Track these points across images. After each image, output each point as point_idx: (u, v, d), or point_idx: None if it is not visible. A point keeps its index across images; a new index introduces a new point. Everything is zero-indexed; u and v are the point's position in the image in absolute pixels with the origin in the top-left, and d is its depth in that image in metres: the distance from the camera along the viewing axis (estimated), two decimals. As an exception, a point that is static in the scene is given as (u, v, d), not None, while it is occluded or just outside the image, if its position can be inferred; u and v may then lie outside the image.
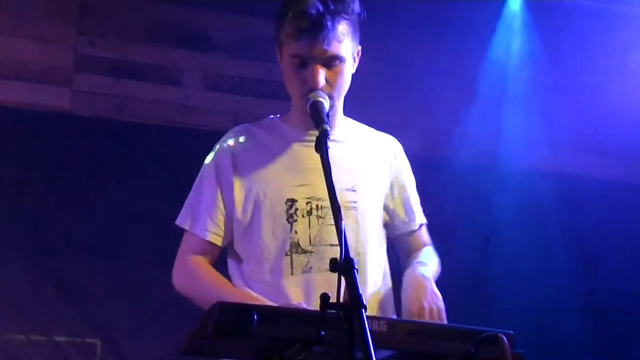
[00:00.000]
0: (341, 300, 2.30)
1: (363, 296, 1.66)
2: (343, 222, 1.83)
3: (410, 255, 2.55)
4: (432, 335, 1.89)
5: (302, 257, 2.33)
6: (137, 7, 5.03)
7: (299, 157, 2.43)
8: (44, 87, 4.81)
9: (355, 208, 2.40)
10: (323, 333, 1.65)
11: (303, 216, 2.36)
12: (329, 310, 1.65)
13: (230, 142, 2.47)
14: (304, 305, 2.19)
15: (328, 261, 2.29)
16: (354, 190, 2.42)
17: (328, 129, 2.12)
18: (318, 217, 2.36)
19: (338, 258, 1.73)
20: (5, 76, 4.77)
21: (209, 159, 2.49)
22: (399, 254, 2.59)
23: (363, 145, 2.54)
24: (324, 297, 1.66)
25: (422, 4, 5.18)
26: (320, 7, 2.29)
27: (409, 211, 2.59)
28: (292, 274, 2.33)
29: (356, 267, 1.71)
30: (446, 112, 5.38)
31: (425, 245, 2.63)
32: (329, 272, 2.30)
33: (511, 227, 5.31)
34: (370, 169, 2.51)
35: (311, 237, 2.34)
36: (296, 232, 2.35)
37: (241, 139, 2.48)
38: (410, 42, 5.35)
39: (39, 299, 4.68)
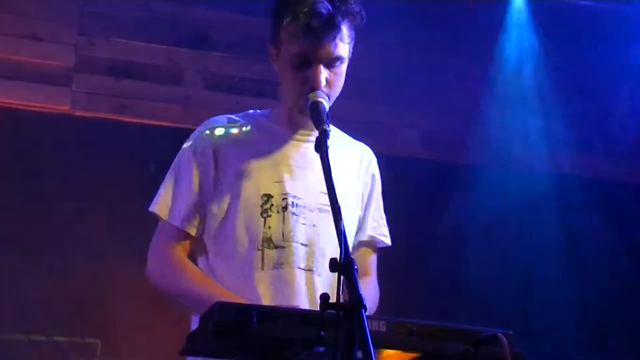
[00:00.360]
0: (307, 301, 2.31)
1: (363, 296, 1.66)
2: (343, 222, 1.83)
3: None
4: (432, 335, 1.89)
5: (274, 252, 2.33)
6: (137, 7, 5.03)
7: (280, 153, 2.42)
8: (44, 87, 4.81)
9: (328, 211, 2.37)
10: (323, 333, 1.65)
11: (278, 212, 2.35)
12: (329, 310, 1.64)
13: (213, 131, 2.45)
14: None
15: (297, 259, 2.32)
16: None
17: (328, 129, 2.11)
18: (292, 213, 2.35)
19: (338, 258, 1.72)
20: (5, 76, 4.77)
21: (188, 145, 2.46)
22: None
23: (340, 151, 2.51)
24: (324, 297, 1.66)
25: (423, 3, 5.18)
26: (330, 7, 2.27)
27: (364, 220, 2.55)
28: (262, 268, 2.32)
29: (356, 267, 1.71)
30: (448, 112, 5.38)
31: (368, 273, 2.55)
32: (298, 270, 2.32)
33: (512, 227, 5.31)
34: (346, 175, 2.49)
35: (284, 233, 2.34)
36: (269, 227, 2.34)
37: (224, 131, 2.45)
38: (411, 41, 5.35)
39: (39, 299, 4.68)
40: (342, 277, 1.69)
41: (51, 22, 4.87)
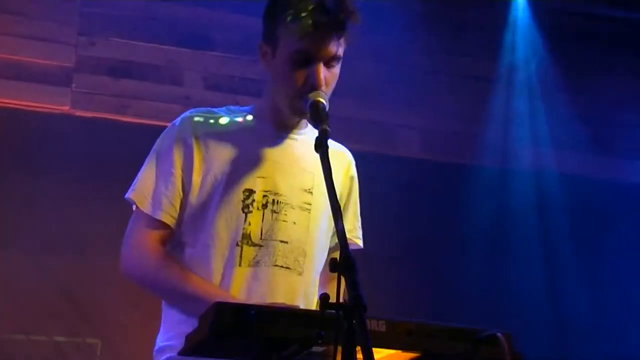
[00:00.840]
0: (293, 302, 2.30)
1: (363, 296, 1.66)
2: (342, 221, 1.83)
3: (324, 281, 2.47)
4: (432, 335, 1.89)
5: (252, 249, 2.30)
6: (137, 7, 5.03)
7: (265, 150, 2.40)
8: (44, 87, 4.81)
9: (308, 210, 2.38)
10: (323, 333, 1.65)
11: (258, 208, 2.33)
12: (328, 310, 1.64)
13: (195, 121, 2.41)
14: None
15: (276, 256, 2.30)
16: (311, 193, 2.40)
17: (329, 129, 2.10)
18: (272, 211, 2.33)
19: (338, 258, 1.72)
20: (5, 76, 4.77)
21: (169, 133, 2.43)
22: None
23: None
24: (324, 297, 1.66)
25: (424, 3, 5.18)
26: (335, 6, 2.27)
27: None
28: (240, 265, 2.29)
29: (356, 267, 1.71)
30: (447, 111, 5.38)
31: None
32: (277, 268, 2.30)
33: (513, 227, 5.31)
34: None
35: (262, 230, 2.32)
36: (249, 224, 2.31)
37: (207, 122, 2.42)
38: (412, 41, 5.35)
39: (39, 299, 4.68)
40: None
41: (51, 22, 4.87)
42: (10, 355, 4.63)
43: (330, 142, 2.54)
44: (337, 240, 2.47)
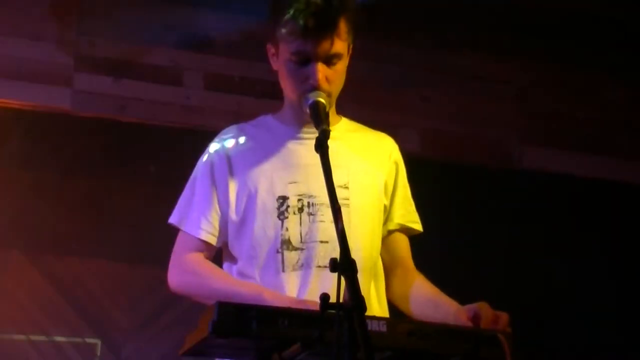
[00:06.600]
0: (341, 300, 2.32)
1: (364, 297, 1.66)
2: (342, 223, 1.84)
3: (392, 267, 2.51)
4: (432, 335, 1.89)
5: (293, 254, 2.33)
6: (137, 7, 5.03)
7: (292, 154, 2.43)
8: (44, 87, 4.80)
9: (347, 205, 2.38)
10: (323, 333, 1.65)
11: (294, 213, 2.35)
12: (329, 310, 1.65)
13: (226, 143, 2.47)
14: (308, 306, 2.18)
15: (318, 258, 2.32)
16: (347, 187, 2.41)
17: (329, 129, 2.12)
18: (309, 214, 2.35)
19: (338, 258, 1.73)
20: (5, 76, 4.76)
21: (203, 160, 2.48)
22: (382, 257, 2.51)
23: (357, 143, 2.53)
24: (324, 297, 1.66)
25: (421, 3, 5.18)
26: (325, 5, 2.29)
27: (391, 208, 2.54)
28: (283, 271, 2.32)
29: (356, 267, 1.71)
30: (448, 112, 5.38)
31: (409, 264, 2.56)
32: (319, 269, 2.32)
33: (514, 228, 5.30)
34: (365, 166, 2.49)
35: (302, 234, 2.34)
36: (287, 229, 2.34)
37: (236, 141, 2.47)
38: (411, 41, 5.35)
39: (39, 299, 4.69)
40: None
41: (51, 22, 4.87)
42: (10, 355, 4.63)
43: (372, 130, 2.62)
44: (391, 227, 2.52)
